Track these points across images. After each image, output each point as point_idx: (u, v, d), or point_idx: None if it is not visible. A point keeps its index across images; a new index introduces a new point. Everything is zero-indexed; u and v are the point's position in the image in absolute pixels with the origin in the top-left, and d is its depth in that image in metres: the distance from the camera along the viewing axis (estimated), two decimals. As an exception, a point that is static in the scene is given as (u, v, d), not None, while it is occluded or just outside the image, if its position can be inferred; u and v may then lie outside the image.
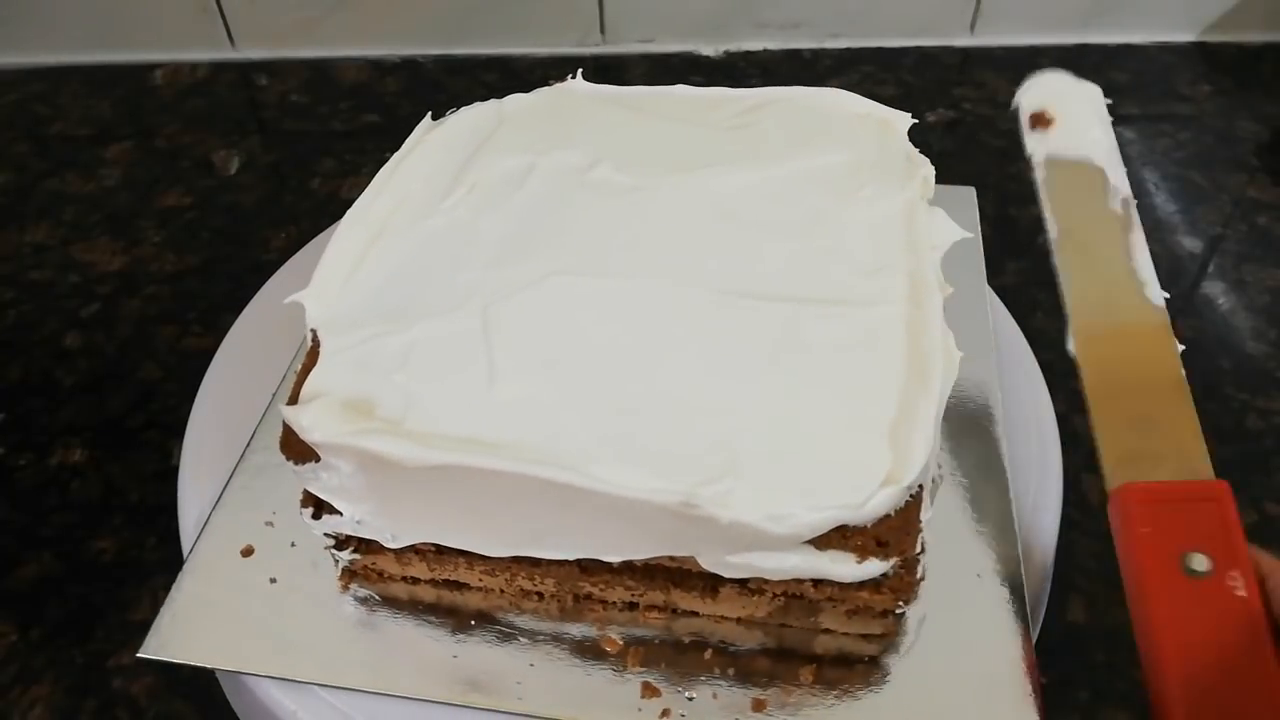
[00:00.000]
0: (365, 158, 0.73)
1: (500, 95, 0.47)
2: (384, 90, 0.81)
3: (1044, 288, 0.62)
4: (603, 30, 0.83)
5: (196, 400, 0.45)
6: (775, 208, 0.40)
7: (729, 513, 0.29)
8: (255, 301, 0.50)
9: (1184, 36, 0.83)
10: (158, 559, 0.47)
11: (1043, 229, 0.39)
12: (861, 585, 0.33)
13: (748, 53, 0.83)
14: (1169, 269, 0.62)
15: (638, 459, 0.31)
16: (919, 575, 0.33)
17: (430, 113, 0.46)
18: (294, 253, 0.53)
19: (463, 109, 0.46)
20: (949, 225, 0.40)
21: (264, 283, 0.51)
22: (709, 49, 0.84)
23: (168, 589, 0.37)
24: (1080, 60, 0.81)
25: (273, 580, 0.37)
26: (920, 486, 0.31)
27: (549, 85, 0.48)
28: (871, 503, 0.30)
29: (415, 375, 0.34)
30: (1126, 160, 0.40)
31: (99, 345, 0.59)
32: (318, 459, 0.33)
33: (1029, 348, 0.47)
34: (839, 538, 0.30)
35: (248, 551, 0.38)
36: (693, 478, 0.30)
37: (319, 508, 0.35)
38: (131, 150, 0.75)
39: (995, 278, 0.50)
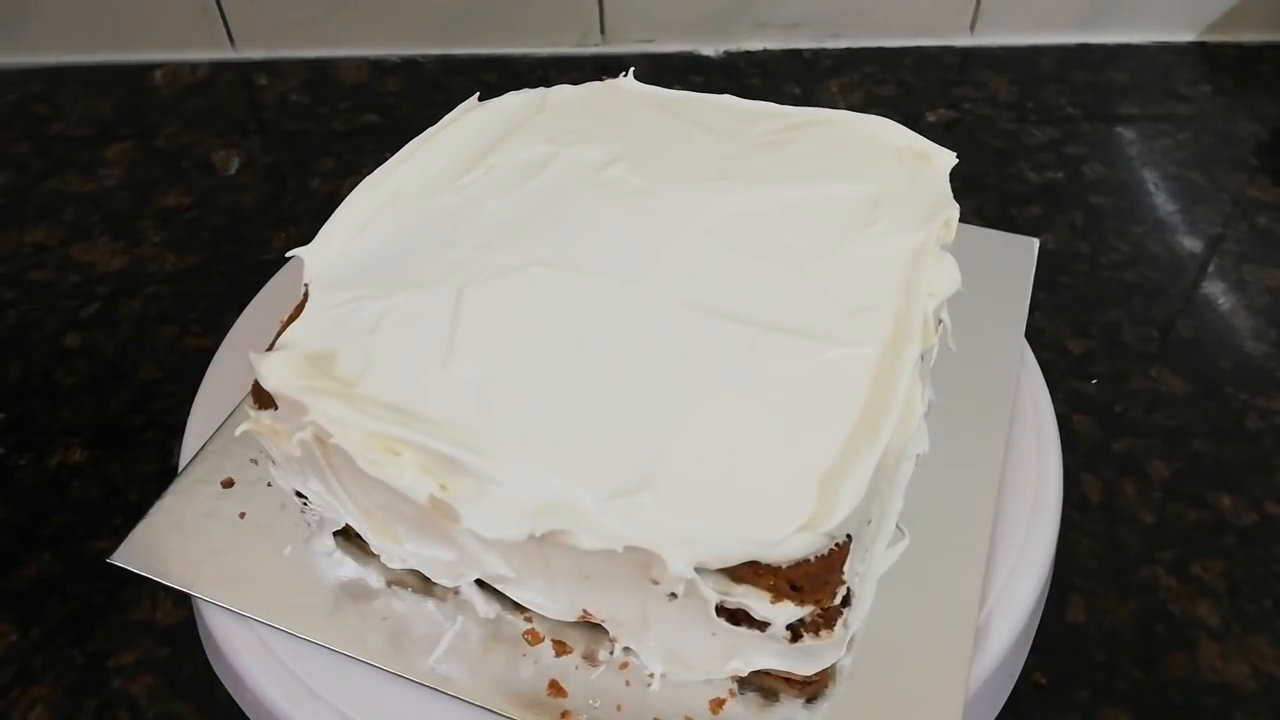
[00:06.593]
0: (365, 158, 0.73)
1: (499, 95, 0.47)
2: (384, 90, 0.81)
3: (1044, 288, 0.62)
4: (603, 30, 0.83)
5: (196, 400, 0.45)
6: (777, 231, 0.39)
7: (592, 540, 0.29)
8: (255, 301, 0.50)
9: (1184, 36, 0.83)
10: (158, 559, 0.47)
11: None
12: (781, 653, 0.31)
13: (748, 53, 0.83)
14: (1169, 269, 0.62)
15: (552, 457, 0.31)
16: (843, 631, 0.31)
17: (478, 93, 0.47)
18: (294, 253, 0.53)
19: (508, 93, 0.47)
20: (953, 273, 0.38)
21: (264, 283, 0.51)
22: (709, 49, 0.84)
23: (168, 589, 0.37)
24: (1080, 60, 0.81)
25: (241, 515, 0.39)
26: (849, 537, 0.30)
27: (600, 81, 0.48)
28: (786, 544, 0.28)
29: (380, 342, 0.35)
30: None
31: (99, 345, 0.59)
32: (275, 407, 0.33)
33: (1029, 347, 0.47)
34: (751, 573, 0.29)
35: (228, 483, 0.40)
36: (606, 485, 0.30)
37: None
38: (131, 150, 0.75)
39: (995, 278, 0.50)
